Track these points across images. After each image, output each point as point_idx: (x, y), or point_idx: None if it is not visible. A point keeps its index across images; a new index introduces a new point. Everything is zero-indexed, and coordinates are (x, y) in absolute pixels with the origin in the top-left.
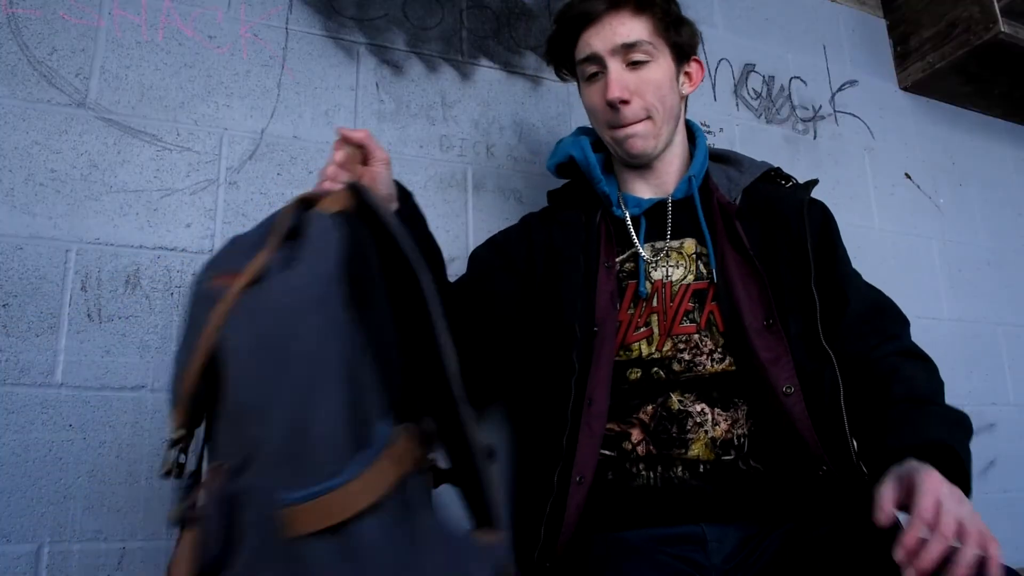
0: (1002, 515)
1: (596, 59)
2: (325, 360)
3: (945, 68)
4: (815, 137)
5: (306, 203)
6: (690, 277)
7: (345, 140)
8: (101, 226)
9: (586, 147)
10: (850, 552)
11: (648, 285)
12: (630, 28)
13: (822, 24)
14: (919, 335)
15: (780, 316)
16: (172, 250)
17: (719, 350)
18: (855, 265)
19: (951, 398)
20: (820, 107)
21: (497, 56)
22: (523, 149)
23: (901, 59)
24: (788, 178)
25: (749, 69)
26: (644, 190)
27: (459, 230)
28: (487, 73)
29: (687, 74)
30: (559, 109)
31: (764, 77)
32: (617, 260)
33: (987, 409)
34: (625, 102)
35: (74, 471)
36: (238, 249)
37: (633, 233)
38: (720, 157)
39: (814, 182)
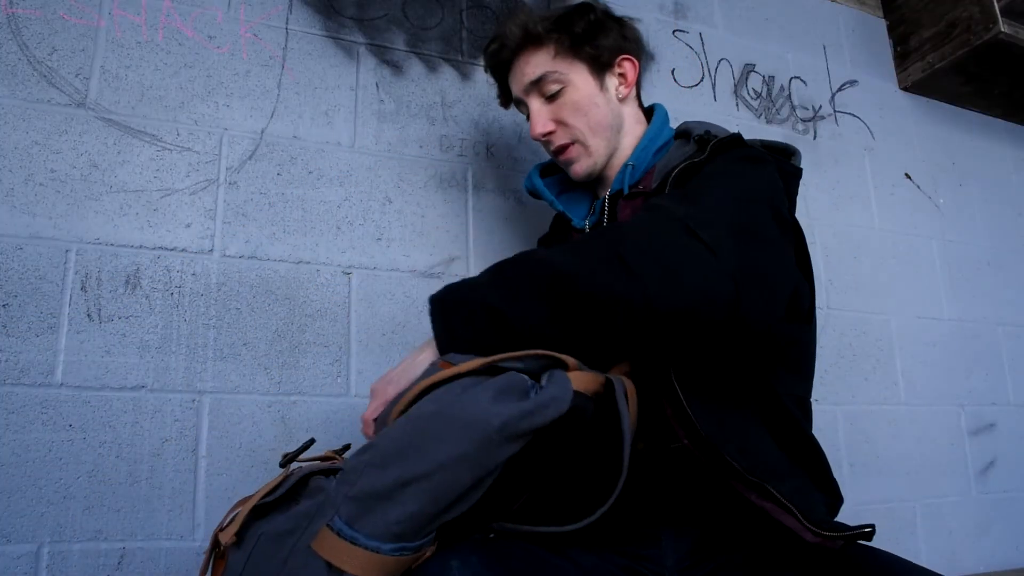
0: (1002, 515)
1: (520, 101)
2: (443, 470)
3: (945, 68)
4: (815, 137)
5: (559, 362)
6: None
7: None
8: (101, 226)
9: (534, 176)
10: None
11: None
12: (533, 65)
13: (822, 24)
14: (919, 335)
15: None
16: (172, 250)
17: None
18: (855, 264)
19: (951, 398)
20: (820, 107)
21: None
22: (523, 149)
23: (901, 59)
24: (708, 141)
25: (749, 69)
26: (604, 194)
27: (459, 230)
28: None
29: (621, 76)
30: None
31: (764, 77)
32: None
33: (987, 409)
34: (549, 134)
35: (74, 471)
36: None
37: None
38: (681, 133)
39: (731, 137)
